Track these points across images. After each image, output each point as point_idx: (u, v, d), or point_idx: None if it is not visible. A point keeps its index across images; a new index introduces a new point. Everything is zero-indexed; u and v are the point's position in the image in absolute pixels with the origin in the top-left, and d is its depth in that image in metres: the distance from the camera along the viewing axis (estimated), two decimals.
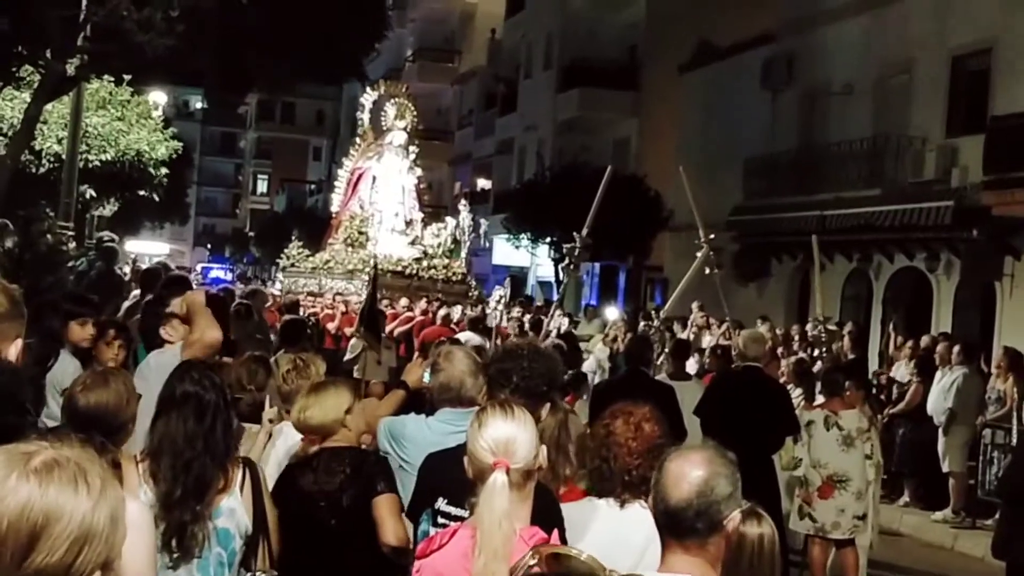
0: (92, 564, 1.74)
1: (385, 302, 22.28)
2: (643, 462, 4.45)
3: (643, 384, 9.67)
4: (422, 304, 22.10)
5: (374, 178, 28.07)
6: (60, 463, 1.77)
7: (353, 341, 15.07)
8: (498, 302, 25.96)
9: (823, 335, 14.11)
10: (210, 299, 7.06)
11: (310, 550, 4.98)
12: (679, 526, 3.11)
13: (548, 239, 33.07)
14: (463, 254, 28.64)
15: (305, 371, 6.11)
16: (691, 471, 3.10)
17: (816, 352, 14.40)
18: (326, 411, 5.27)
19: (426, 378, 6.61)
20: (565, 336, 18.53)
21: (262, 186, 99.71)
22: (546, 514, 3.56)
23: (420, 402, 6.13)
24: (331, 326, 20.43)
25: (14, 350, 3.34)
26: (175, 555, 4.30)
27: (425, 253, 26.95)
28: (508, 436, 3.32)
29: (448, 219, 30.82)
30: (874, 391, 15.70)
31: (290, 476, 5.24)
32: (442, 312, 20.96)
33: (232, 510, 4.44)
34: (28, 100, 16.95)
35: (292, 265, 27.58)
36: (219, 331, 5.34)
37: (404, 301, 22.46)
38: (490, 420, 3.39)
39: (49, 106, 18.80)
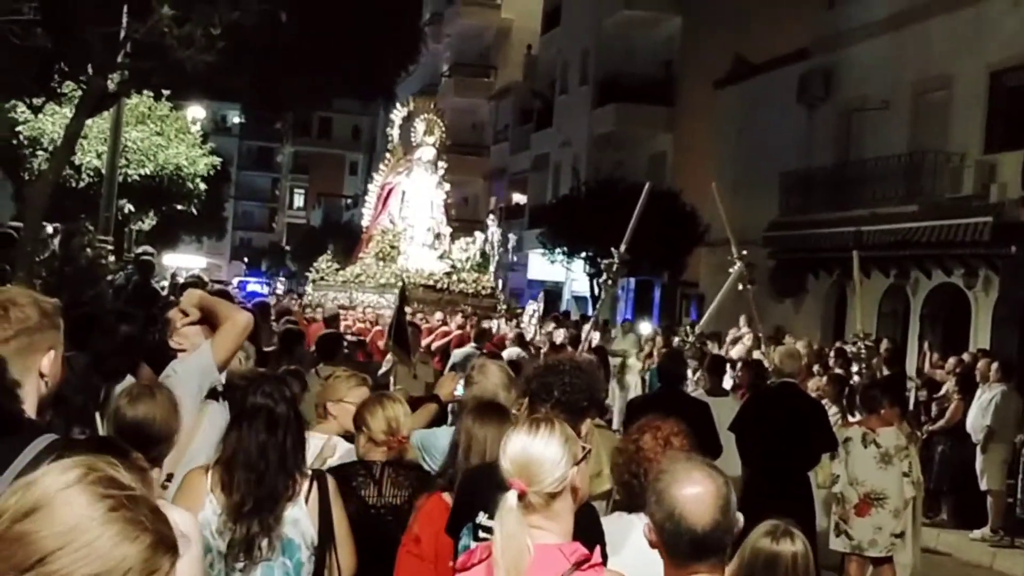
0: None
1: (419, 316, 22.40)
2: None
3: (679, 400, 9.65)
4: (458, 319, 22.18)
5: (403, 193, 28.27)
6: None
7: (389, 355, 15.14)
8: (531, 317, 26.09)
9: (862, 352, 14.03)
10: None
11: (382, 563, 4.95)
12: (710, 548, 3.11)
13: (583, 254, 33.10)
14: (492, 268, 28.79)
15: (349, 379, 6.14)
16: (703, 490, 3.11)
17: (856, 368, 14.32)
18: (407, 414, 5.39)
19: (458, 391, 6.65)
20: (596, 351, 18.51)
21: (298, 200, 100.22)
22: (588, 530, 3.55)
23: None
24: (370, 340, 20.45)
25: (47, 361, 3.39)
26: (243, 563, 4.37)
27: (454, 267, 27.09)
28: (528, 457, 3.23)
29: (477, 233, 30.99)
30: (912, 407, 15.62)
31: (351, 487, 5.21)
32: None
33: (296, 520, 4.47)
34: (69, 115, 17.10)
35: (322, 278, 27.78)
36: (246, 313, 5.30)
37: (439, 315, 22.54)
38: (514, 438, 3.32)
39: (89, 121, 18.96)
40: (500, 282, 33.74)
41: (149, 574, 1.71)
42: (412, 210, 28.20)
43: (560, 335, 20.08)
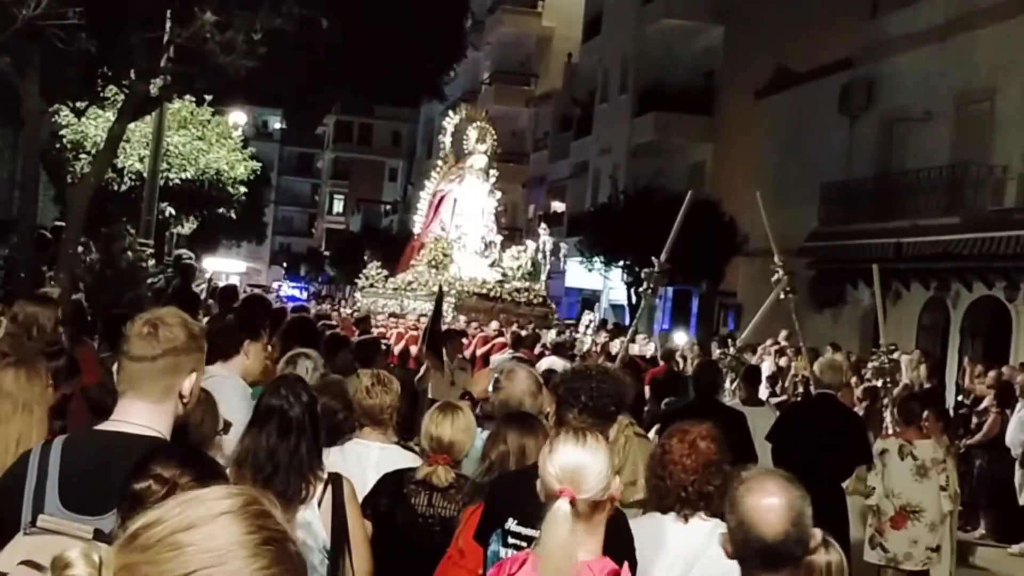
0: None
1: (474, 325, 22.41)
2: (698, 478, 4.52)
3: (713, 409, 9.61)
4: (514, 328, 22.03)
5: (455, 201, 28.25)
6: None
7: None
8: (587, 327, 26.02)
9: (886, 365, 13.90)
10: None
11: (420, 572, 4.95)
12: (779, 558, 3.09)
13: (621, 262, 33.03)
14: (543, 277, 28.72)
15: (389, 386, 6.05)
16: (775, 501, 3.11)
17: (881, 382, 14.22)
18: (465, 431, 5.33)
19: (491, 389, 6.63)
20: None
21: (338, 206, 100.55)
22: (617, 543, 3.55)
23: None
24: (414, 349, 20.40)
25: (188, 383, 3.41)
26: None
27: (505, 275, 27.04)
28: (577, 464, 3.27)
29: (528, 242, 30.93)
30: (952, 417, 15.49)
31: (402, 494, 5.24)
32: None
33: (308, 523, 4.46)
34: (112, 119, 17.25)
35: (371, 285, 27.78)
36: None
37: (495, 324, 22.47)
38: (561, 446, 3.35)
39: (132, 125, 19.11)
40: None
41: None
42: (464, 218, 28.19)
43: (616, 345, 20.01)
